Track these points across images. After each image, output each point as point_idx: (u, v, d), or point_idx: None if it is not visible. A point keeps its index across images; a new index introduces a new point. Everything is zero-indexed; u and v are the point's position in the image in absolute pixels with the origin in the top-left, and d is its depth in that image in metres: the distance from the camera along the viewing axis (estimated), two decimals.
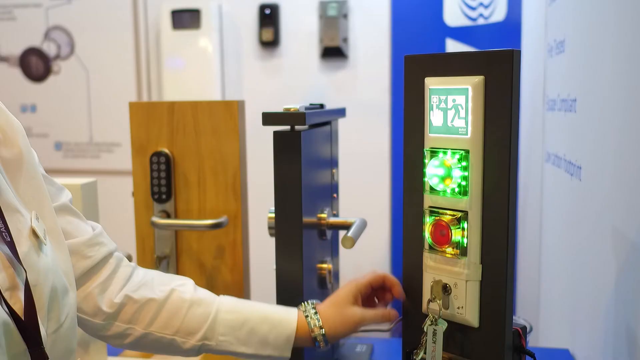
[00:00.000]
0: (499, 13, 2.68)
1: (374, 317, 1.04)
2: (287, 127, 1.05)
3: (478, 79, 0.88)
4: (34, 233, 0.75)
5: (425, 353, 0.93)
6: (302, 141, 1.04)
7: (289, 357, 1.01)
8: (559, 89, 1.67)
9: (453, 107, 0.91)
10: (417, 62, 0.96)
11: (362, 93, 2.95)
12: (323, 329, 1.01)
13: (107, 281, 0.97)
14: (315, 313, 1.02)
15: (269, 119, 1.03)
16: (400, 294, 1.04)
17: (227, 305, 1.01)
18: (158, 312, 0.98)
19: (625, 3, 1.10)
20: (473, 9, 2.76)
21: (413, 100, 0.97)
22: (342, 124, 1.36)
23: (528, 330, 1.08)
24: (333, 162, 1.30)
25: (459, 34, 2.78)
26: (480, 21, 2.74)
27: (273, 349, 1.00)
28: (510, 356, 0.94)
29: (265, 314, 1.01)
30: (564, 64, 1.61)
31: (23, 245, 0.72)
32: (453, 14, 2.79)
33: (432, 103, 0.93)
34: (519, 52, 0.87)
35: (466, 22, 2.77)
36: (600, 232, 1.22)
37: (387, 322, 1.06)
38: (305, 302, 1.05)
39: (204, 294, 1.03)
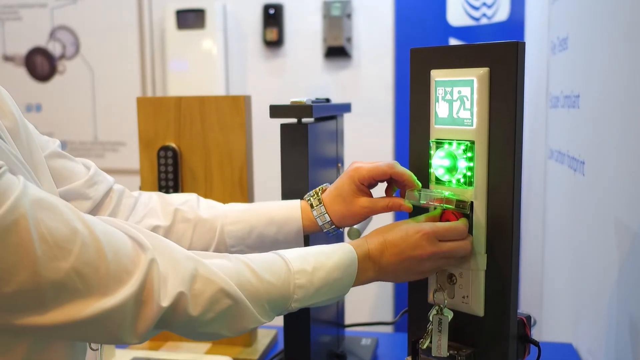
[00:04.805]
0: (502, 13, 2.69)
1: (384, 208, 1.00)
2: (294, 120, 1.06)
3: (483, 71, 0.90)
4: None
5: (430, 342, 0.94)
6: (309, 133, 1.05)
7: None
8: (562, 85, 1.68)
9: (458, 98, 0.92)
10: (423, 55, 0.97)
11: (366, 92, 2.96)
12: (333, 224, 1.01)
13: (112, 216, 0.99)
14: (324, 211, 1.01)
15: (276, 111, 1.05)
16: (412, 182, 0.97)
17: (231, 217, 1.03)
18: (166, 237, 1.00)
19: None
20: (476, 8, 2.77)
21: (419, 92, 0.98)
22: (346, 122, 1.38)
23: (532, 323, 1.09)
24: (339, 158, 1.31)
25: (462, 33, 2.79)
26: (484, 21, 2.75)
27: (285, 247, 1.00)
28: (515, 345, 0.95)
29: (270, 217, 1.02)
30: (567, 60, 1.62)
31: None
32: (456, 14, 2.81)
33: (437, 95, 0.95)
34: (524, 44, 0.89)
35: (469, 22, 2.79)
36: (603, 226, 1.23)
37: (397, 210, 1.00)
38: (311, 196, 1.03)
39: (207, 211, 1.04)
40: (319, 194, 1.03)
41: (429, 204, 0.94)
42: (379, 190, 1.04)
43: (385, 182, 1.03)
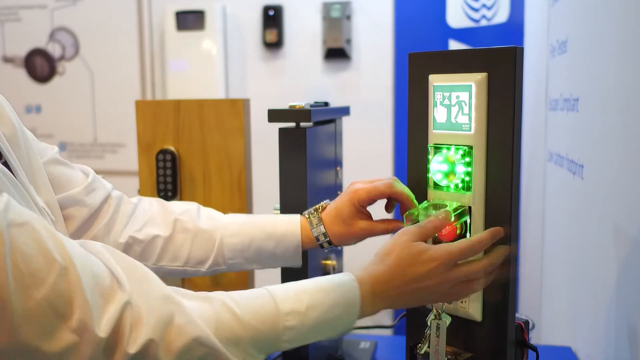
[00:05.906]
0: (501, 14, 2.70)
1: (383, 231, 1.02)
2: (293, 124, 1.06)
3: (481, 76, 0.90)
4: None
5: (429, 347, 0.94)
6: (307, 138, 1.05)
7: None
8: (561, 88, 1.68)
9: (457, 103, 0.92)
10: (421, 59, 0.97)
11: (365, 94, 2.96)
12: (332, 244, 1.02)
13: (110, 222, 0.99)
14: (324, 231, 1.01)
15: (274, 115, 1.05)
16: (410, 203, 0.98)
17: (230, 229, 1.03)
18: (165, 247, 1.01)
19: (627, 3, 1.11)
20: (476, 10, 2.77)
21: (417, 97, 0.98)
22: (345, 124, 1.38)
23: (530, 327, 1.09)
24: (337, 161, 1.31)
25: (462, 35, 2.79)
26: (483, 22, 2.75)
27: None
28: (513, 350, 0.95)
29: (269, 231, 1.02)
30: (566, 63, 1.62)
31: None
32: (456, 16, 2.81)
33: (435, 100, 0.95)
34: (522, 49, 0.88)
35: (469, 24, 2.79)
36: (602, 230, 1.23)
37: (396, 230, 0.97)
38: (311, 213, 1.03)
39: (207, 222, 1.04)
40: (319, 211, 1.03)
41: None
42: (380, 202, 1.05)
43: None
